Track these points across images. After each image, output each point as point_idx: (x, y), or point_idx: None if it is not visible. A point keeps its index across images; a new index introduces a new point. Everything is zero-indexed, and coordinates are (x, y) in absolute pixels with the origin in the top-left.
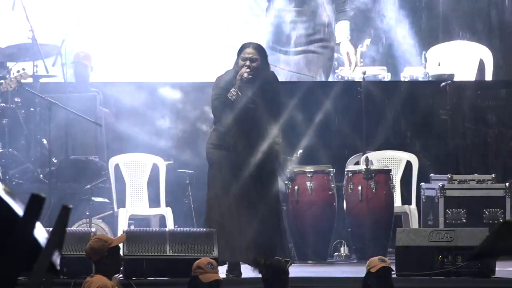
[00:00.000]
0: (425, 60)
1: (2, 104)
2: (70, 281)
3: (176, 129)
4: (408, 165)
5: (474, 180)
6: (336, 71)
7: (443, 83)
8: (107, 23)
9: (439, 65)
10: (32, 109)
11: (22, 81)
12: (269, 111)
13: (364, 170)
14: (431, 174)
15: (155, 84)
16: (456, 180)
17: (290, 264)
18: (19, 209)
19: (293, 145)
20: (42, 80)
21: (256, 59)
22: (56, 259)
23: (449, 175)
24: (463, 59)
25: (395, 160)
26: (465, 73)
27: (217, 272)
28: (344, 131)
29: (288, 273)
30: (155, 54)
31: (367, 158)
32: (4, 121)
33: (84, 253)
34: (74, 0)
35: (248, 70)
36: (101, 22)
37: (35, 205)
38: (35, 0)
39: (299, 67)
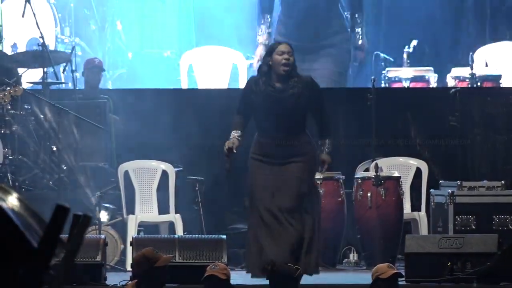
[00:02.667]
0: (472, 61)
1: (12, 111)
2: None
3: (186, 136)
4: (418, 171)
5: (483, 186)
6: (383, 72)
7: (453, 90)
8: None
9: (486, 66)
10: (41, 116)
11: (16, 95)
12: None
13: (373, 176)
14: (441, 181)
15: (164, 91)
16: (465, 186)
17: (300, 272)
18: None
19: None
20: (52, 87)
21: (291, 54)
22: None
23: (458, 182)
24: (511, 60)
25: (404, 167)
26: None
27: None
28: (353, 137)
29: (297, 280)
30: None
31: (376, 164)
32: (14, 128)
33: (93, 260)
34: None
35: (287, 63)
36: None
37: (60, 216)
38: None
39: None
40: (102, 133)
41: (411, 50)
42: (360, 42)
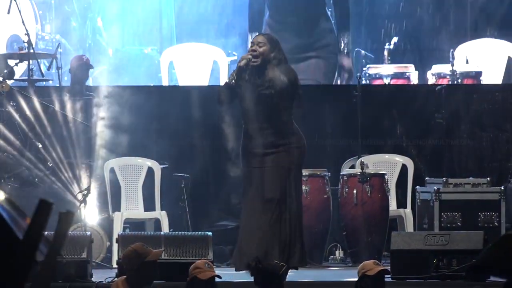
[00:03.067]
0: (453, 58)
1: None
2: (65, 285)
3: (171, 133)
4: (404, 168)
5: (469, 183)
6: (364, 69)
7: (439, 87)
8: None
9: (467, 62)
10: (27, 113)
11: (3, 91)
12: (288, 100)
13: (359, 173)
14: (427, 178)
15: (151, 88)
16: (451, 183)
17: (285, 269)
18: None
19: None
20: (37, 84)
21: (263, 45)
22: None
23: (444, 179)
24: (491, 57)
25: (390, 164)
26: (493, 71)
27: (213, 270)
28: (339, 134)
29: (281, 278)
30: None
31: (362, 161)
32: None
33: (79, 256)
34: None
35: (252, 53)
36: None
37: (43, 211)
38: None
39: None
40: (88, 130)
41: (391, 47)
42: (345, 62)
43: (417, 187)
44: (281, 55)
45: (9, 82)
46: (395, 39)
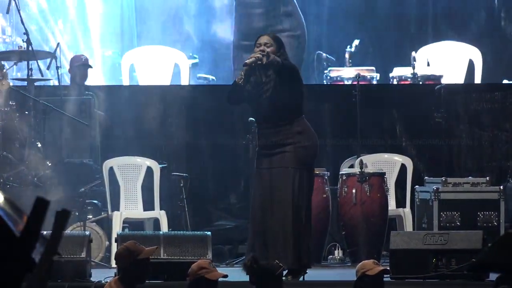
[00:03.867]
0: (414, 61)
1: None
2: (64, 284)
3: (171, 132)
4: (403, 168)
5: (468, 183)
6: (325, 71)
7: (438, 86)
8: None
9: (428, 65)
10: (26, 112)
11: (2, 89)
12: (293, 99)
13: (358, 173)
14: (426, 177)
15: (150, 88)
16: (450, 183)
17: (282, 269)
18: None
19: None
20: (37, 83)
21: (270, 45)
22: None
23: (443, 178)
24: (452, 60)
25: (389, 163)
26: (455, 74)
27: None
28: (338, 134)
29: (278, 278)
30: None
31: (361, 161)
32: None
33: (78, 256)
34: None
35: (262, 53)
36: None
37: (40, 209)
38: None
39: None
40: (87, 130)
41: (353, 49)
42: None
43: (416, 186)
44: (285, 54)
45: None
46: (356, 42)
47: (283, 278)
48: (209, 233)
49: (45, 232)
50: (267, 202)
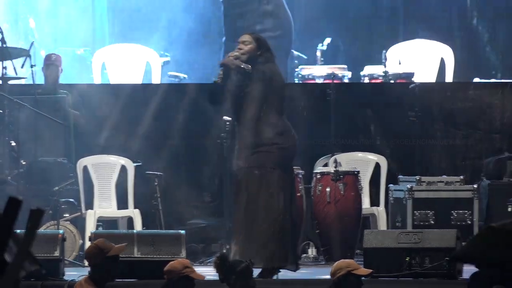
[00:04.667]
0: (385, 59)
1: None
2: (38, 283)
3: (145, 131)
4: (377, 166)
5: (442, 181)
6: (296, 69)
7: (412, 85)
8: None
9: (399, 63)
10: (0, 110)
11: None
12: (273, 100)
13: (332, 171)
14: (400, 176)
15: (124, 86)
16: (424, 181)
17: (246, 266)
18: None
19: None
20: (11, 82)
21: (249, 43)
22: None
23: (417, 177)
24: (424, 58)
25: (363, 162)
26: (426, 72)
27: None
28: (313, 132)
29: (241, 274)
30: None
31: (335, 159)
32: None
33: (52, 255)
34: None
35: (239, 51)
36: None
37: (12, 208)
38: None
39: None
40: (61, 128)
41: (324, 48)
42: None
43: (390, 185)
44: (268, 54)
45: None
46: (328, 40)
47: (253, 276)
48: (183, 231)
49: (18, 231)
50: (244, 202)
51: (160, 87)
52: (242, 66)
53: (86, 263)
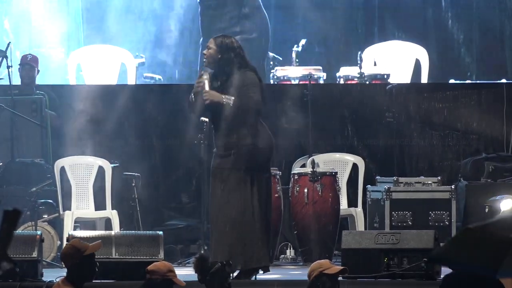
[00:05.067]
0: (361, 60)
1: None
2: (16, 284)
3: (122, 132)
4: (354, 167)
5: (420, 182)
6: (272, 71)
7: (389, 86)
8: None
9: (375, 65)
10: None
11: None
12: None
13: (310, 172)
14: (377, 177)
15: (102, 87)
16: (402, 182)
17: (224, 267)
18: None
19: None
20: None
21: (209, 48)
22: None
23: (395, 178)
24: (399, 59)
25: (341, 163)
26: (401, 73)
27: None
28: (290, 133)
29: (215, 275)
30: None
31: (313, 160)
32: None
33: (29, 256)
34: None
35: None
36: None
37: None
38: None
39: None
40: (38, 129)
41: (299, 49)
42: None
43: (368, 186)
44: (238, 59)
45: None
46: (303, 41)
47: (231, 277)
48: (161, 232)
49: None
50: (222, 203)
51: (135, 88)
52: (223, 102)
53: None
